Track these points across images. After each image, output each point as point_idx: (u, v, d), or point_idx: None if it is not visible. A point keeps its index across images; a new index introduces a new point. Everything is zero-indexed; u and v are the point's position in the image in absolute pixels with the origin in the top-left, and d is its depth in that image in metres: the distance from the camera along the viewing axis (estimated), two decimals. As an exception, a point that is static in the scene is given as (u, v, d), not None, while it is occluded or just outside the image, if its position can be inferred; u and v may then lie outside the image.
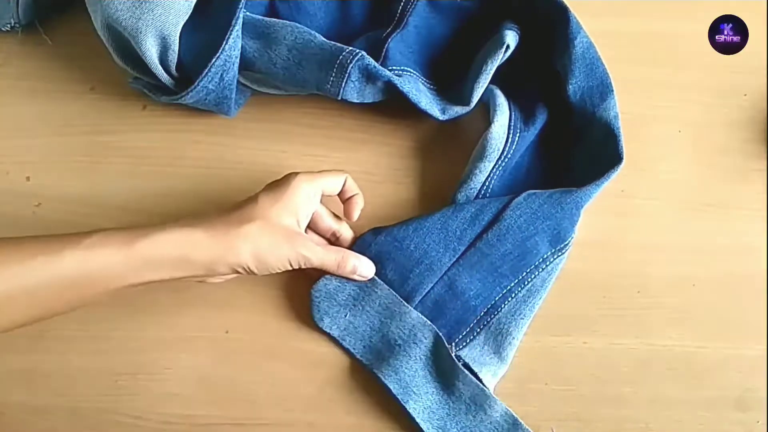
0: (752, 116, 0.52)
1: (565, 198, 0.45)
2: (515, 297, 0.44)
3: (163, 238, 0.37)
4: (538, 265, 0.45)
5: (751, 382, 0.46)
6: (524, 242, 0.45)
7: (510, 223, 0.44)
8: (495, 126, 0.46)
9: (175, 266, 0.38)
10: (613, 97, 0.47)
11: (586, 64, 0.47)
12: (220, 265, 0.38)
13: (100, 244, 0.36)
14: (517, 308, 0.44)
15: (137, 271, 0.37)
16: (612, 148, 0.46)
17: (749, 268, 0.48)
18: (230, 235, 0.38)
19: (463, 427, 0.42)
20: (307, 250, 0.40)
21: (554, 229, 0.45)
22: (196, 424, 0.44)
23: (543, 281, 0.45)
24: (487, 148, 0.46)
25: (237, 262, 0.38)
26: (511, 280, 0.45)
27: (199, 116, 0.50)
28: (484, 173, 0.46)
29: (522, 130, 0.47)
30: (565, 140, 0.49)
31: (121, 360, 0.45)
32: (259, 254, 0.39)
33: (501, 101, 0.48)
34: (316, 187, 0.41)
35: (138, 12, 0.43)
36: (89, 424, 0.44)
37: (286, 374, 0.45)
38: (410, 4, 0.49)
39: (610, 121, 0.47)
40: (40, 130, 0.50)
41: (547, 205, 0.45)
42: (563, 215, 0.45)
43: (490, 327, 0.44)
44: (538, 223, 0.45)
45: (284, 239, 0.39)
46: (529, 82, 0.50)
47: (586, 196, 0.45)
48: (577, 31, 0.47)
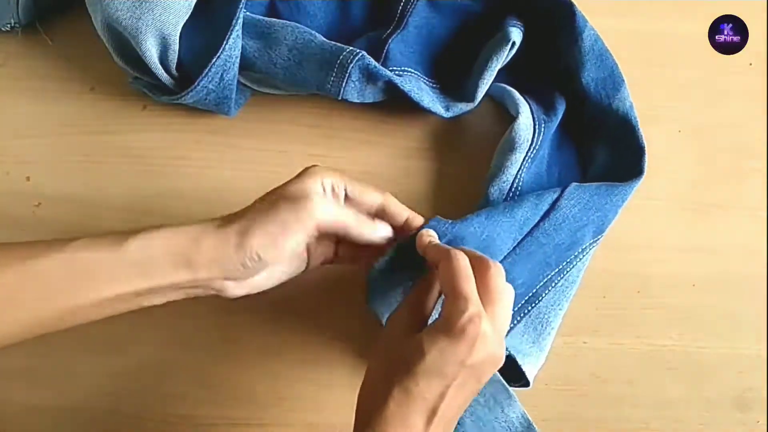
0: (752, 116, 0.52)
1: (612, 190, 0.45)
2: (555, 286, 0.44)
3: (157, 235, 0.34)
4: (578, 254, 0.45)
5: (751, 382, 0.46)
6: (575, 233, 0.44)
7: (565, 212, 0.44)
8: (522, 117, 0.46)
9: (172, 268, 0.33)
10: (625, 86, 0.47)
11: (596, 56, 0.47)
12: (228, 258, 0.34)
13: (86, 246, 0.33)
14: (556, 298, 0.44)
15: (128, 274, 0.33)
16: (630, 139, 0.46)
17: (749, 268, 0.48)
18: (234, 221, 0.34)
19: (477, 418, 0.42)
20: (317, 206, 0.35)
21: (601, 221, 0.45)
22: (196, 424, 0.44)
23: (579, 272, 0.45)
24: (517, 140, 0.46)
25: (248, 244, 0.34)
26: (553, 268, 0.44)
27: (199, 116, 0.50)
28: (516, 165, 0.46)
29: (546, 121, 0.47)
30: (580, 133, 0.49)
31: (121, 360, 0.45)
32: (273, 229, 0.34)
33: (518, 96, 0.47)
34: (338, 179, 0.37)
35: (138, 12, 0.43)
36: (89, 424, 0.44)
37: (286, 374, 0.45)
38: (410, 4, 0.49)
39: (627, 110, 0.47)
40: (40, 130, 0.50)
41: (597, 196, 0.45)
42: (611, 207, 0.45)
43: (530, 316, 0.44)
44: (590, 213, 0.44)
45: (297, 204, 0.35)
46: (535, 79, 0.50)
47: (630, 189, 0.45)
48: (583, 24, 0.47)
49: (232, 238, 0.34)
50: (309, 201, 0.35)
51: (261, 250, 0.34)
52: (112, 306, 0.34)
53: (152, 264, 0.33)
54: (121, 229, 0.47)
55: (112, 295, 0.33)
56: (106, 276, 0.33)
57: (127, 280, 0.33)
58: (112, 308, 0.34)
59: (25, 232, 0.47)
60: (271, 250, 0.34)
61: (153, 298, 0.35)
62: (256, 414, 0.44)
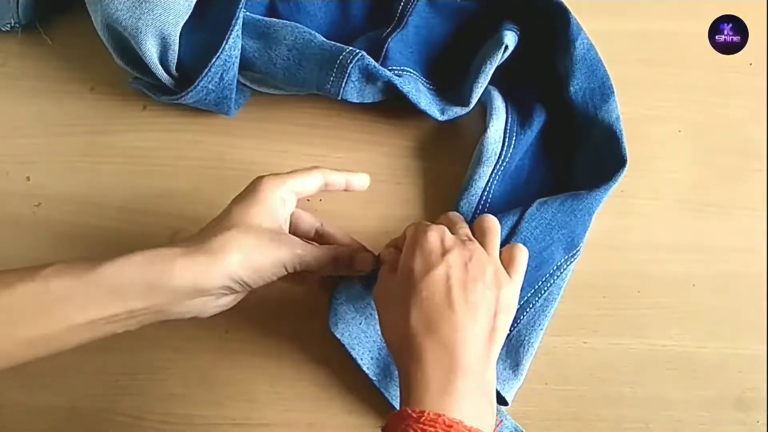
0: (752, 116, 0.52)
1: (577, 205, 0.45)
2: (533, 307, 0.44)
3: (131, 259, 0.33)
4: (553, 273, 0.44)
5: (751, 382, 0.46)
6: (541, 253, 0.44)
7: (527, 235, 0.44)
8: (490, 130, 0.47)
9: (147, 291, 0.33)
10: (614, 98, 0.47)
11: (587, 66, 0.47)
12: (206, 283, 0.33)
13: (58, 273, 0.32)
14: (535, 318, 0.44)
15: (101, 300, 0.32)
16: (615, 150, 0.46)
17: (749, 268, 0.48)
18: (211, 246, 0.34)
19: None
20: (301, 249, 0.37)
21: (568, 237, 0.45)
22: (196, 424, 0.44)
23: (559, 288, 0.45)
24: (484, 153, 0.46)
25: (227, 274, 0.34)
26: (528, 290, 0.44)
27: (199, 116, 0.50)
28: (484, 178, 0.46)
29: (519, 133, 0.47)
30: (567, 143, 0.49)
31: (121, 360, 0.45)
32: (250, 260, 0.34)
33: (498, 104, 0.48)
34: (287, 188, 0.38)
35: (138, 12, 0.43)
36: (89, 424, 0.44)
37: (286, 374, 0.45)
38: (410, 4, 0.49)
39: (612, 122, 0.46)
40: (40, 130, 0.50)
41: (561, 213, 0.44)
42: (576, 222, 0.45)
43: (510, 339, 0.43)
44: (554, 233, 0.44)
45: (272, 241, 0.35)
46: (530, 83, 0.50)
47: (597, 201, 0.45)
48: (577, 32, 0.47)
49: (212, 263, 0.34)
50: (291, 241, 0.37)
51: (244, 276, 0.35)
52: (84, 333, 0.33)
53: (125, 287, 0.33)
54: (121, 229, 0.47)
55: (84, 320, 0.32)
56: (80, 301, 0.32)
57: (102, 305, 0.32)
58: (84, 335, 0.33)
59: (25, 232, 0.47)
60: (255, 278, 0.35)
61: (128, 322, 0.34)
62: (256, 414, 0.44)
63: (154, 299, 0.33)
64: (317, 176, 0.39)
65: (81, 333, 0.33)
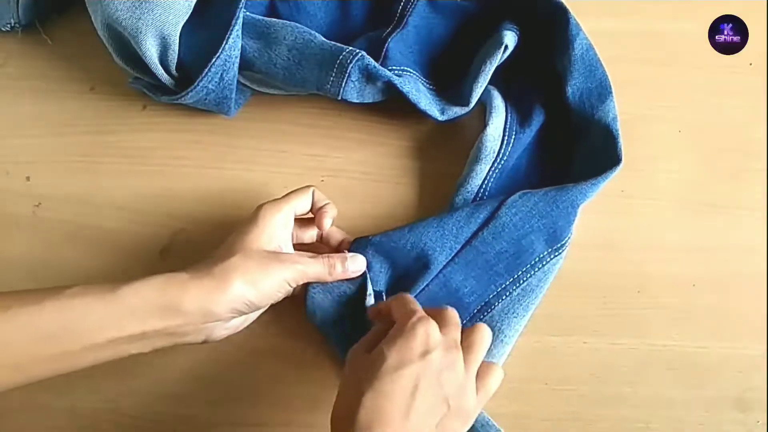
0: (752, 116, 0.52)
1: (560, 196, 0.45)
2: (510, 296, 0.44)
3: (147, 283, 0.35)
4: (534, 264, 0.45)
5: (751, 382, 0.46)
6: (519, 240, 0.44)
7: (505, 221, 0.44)
8: (490, 128, 0.47)
9: (162, 313, 0.35)
10: (612, 99, 0.47)
11: (585, 66, 0.47)
12: (215, 306, 0.36)
13: (81, 293, 0.34)
14: (510, 307, 0.44)
15: (120, 320, 0.34)
16: (611, 150, 0.46)
17: (749, 268, 0.48)
18: (216, 272, 0.36)
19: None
20: (301, 263, 0.39)
21: (550, 228, 0.45)
22: (196, 424, 0.44)
23: (539, 281, 0.45)
24: (482, 151, 0.46)
25: (233, 298, 0.36)
26: (506, 278, 0.44)
27: (199, 116, 0.50)
28: (481, 176, 0.47)
29: (518, 132, 0.47)
30: (564, 142, 0.49)
31: (121, 360, 0.45)
32: (254, 281, 0.37)
33: (497, 103, 0.48)
34: (286, 212, 0.40)
35: (138, 12, 0.43)
36: (89, 424, 0.44)
37: (286, 374, 0.45)
38: (410, 4, 0.49)
39: (609, 123, 0.47)
40: (40, 130, 0.50)
41: (543, 203, 0.45)
42: (559, 213, 0.45)
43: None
44: (534, 221, 0.44)
45: (273, 261, 0.38)
46: (529, 83, 0.50)
47: (582, 195, 0.45)
48: (576, 32, 0.47)
49: (218, 288, 0.36)
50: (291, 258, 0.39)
51: (250, 296, 0.37)
52: (101, 352, 0.35)
53: (143, 310, 0.35)
54: (121, 229, 0.47)
55: (103, 340, 0.34)
56: (100, 320, 0.34)
57: (119, 327, 0.35)
58: (101, 354, 0.35)
59: (25, 232, 0.47)
60: (261, 297, 0.38)
61: (143, 344, 0.36)
62: (256, 414, 0.44)
63: (168, 321, 0.35)
64: (309, 193, 0.42)
65: (98, 352, 0.35)
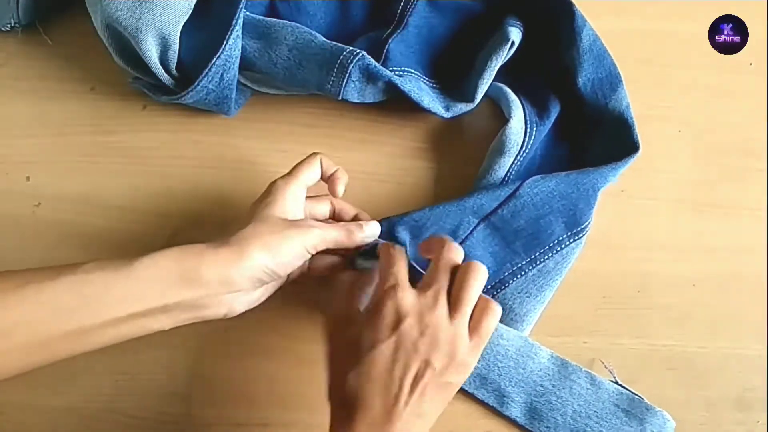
0: (752, 116, 0.52)
1: (581, 179, 0.45)
2: (525, 275, 0.44)
3: (164, 255, 0.35)
4: (553, 246, 0.45)
5: (751, 382, 0.46)
6: (538, 220, 0.44)
7: (525, 200, 0.44)
8: (513, 120, 0.46)
9: (182, 283, 0.34)
10: (623, 86, 0.47)
11: (594, 56, 0.47)
12: (235, 274, 0.35)
13: (98, 267, 0.34)
14: (525, 287, 0.44)
15: (140, 292, 0.34)
16: (627, 138, 0.46)
17: (749, 268, 0.48)
18: (232, 241, 0.36)
19: (516, 382, 0.43)
20: (319, 227, 0.38)
21: (570, 210, 0.45)
22: (196, 424, 0.44)
23: (557, 264, 0.45)
24: (507, 143, 0.46)
25: (252, 265, 0.35)
26: (524, 258, 0.44)
27: (199, 116, 0.50)
28: (504, 168, 0.46)
29: (538, 124, 0.47)
30: (578, 133, 0.49)
31: (121, 360, 0.45)
32: (272, 247, 0.36)
33: (513, 97, 0.48)
34: (298, 184, 0.40)
35: (138, 12, 0.43)
36: (89, 424, 0.44)
37: (286, 374, 0.45)
38: (410, 4, 0.49)
39: (623, 111, 0.47)
40: (40, 130, 0.50)
41: (564, 184, 0.45)
42: (579, 196, 0.45)
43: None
44: (554, 202, 0.44)
45: (290, 227, 0.37)
46: (533, 78, 0.50)
47: (602, 178, 0.45)
48: (582, 24, 0.47)
49: (238, 256, 0.36)
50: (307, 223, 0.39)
51: (270, 264, 0.36)
52: (120, 328, 0.34)
53: (162, 281, 0.34)
54: (121, 229, 0.47)
55: (124, 314, 0.34)
56: (118, 294, 0.34)
57: (139, 298, 0.34)
58: (120, 331, 0.34)
59: (25, 232, 0.47)
60: (279, 264, 0.37)
61: (165, 318, 0.35)
62: (256, 414, 0.44)
63: (187, 293, 0.35)
64: (317, 161, 0.42)
65: (119, 327, 0.34)
